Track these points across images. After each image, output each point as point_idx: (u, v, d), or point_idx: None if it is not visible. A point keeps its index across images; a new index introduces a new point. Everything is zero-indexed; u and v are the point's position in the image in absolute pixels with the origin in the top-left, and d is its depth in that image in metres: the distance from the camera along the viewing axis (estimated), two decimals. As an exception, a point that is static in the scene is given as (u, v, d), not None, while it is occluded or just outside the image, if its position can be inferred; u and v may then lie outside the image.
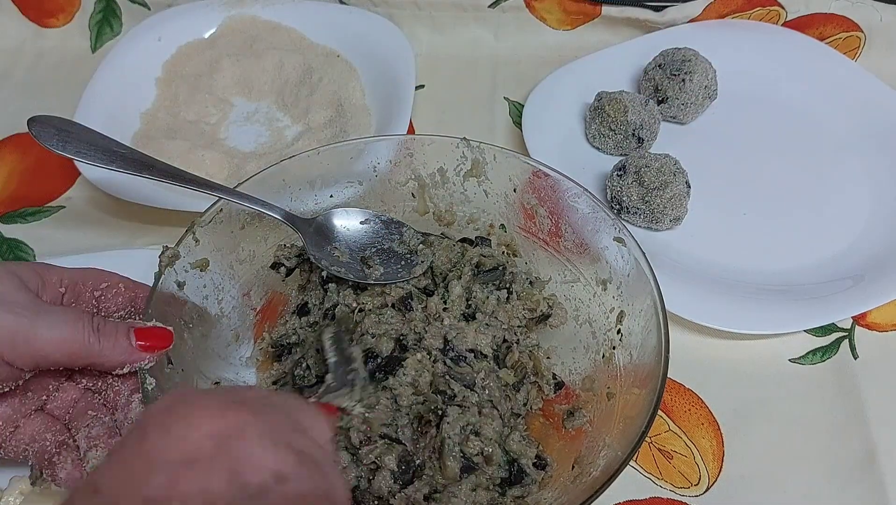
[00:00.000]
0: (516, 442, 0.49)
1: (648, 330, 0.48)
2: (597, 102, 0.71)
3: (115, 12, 0.84)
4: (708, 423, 0.58)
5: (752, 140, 0.74)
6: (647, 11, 0.80)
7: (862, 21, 0.80)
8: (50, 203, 0.71)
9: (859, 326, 0.63)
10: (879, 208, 0.69)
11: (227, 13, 0.81)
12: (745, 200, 0.70)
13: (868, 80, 0.76)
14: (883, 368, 0.61)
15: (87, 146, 0.52)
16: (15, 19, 0.84)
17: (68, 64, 0.83)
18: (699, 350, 0.61)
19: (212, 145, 0.73)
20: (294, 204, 0.56)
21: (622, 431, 0.46)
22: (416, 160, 0.56)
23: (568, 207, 0.53)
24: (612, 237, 0.51)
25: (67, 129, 0.53)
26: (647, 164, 0.64)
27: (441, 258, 0.56)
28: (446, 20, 0.84)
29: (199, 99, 0.76)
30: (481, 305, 0.54)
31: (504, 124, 0.78)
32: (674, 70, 0.72)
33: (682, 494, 0.55)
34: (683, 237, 0.67)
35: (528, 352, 0.55)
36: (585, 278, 0.54)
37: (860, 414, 0.58)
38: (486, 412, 0.50)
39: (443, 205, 0.58)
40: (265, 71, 0.78)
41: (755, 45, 0.79)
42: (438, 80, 0.81)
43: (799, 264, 0.65)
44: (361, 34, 0.79)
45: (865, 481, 0.55)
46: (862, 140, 0.74)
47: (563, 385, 0.54)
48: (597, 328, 0.53)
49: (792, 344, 0.62)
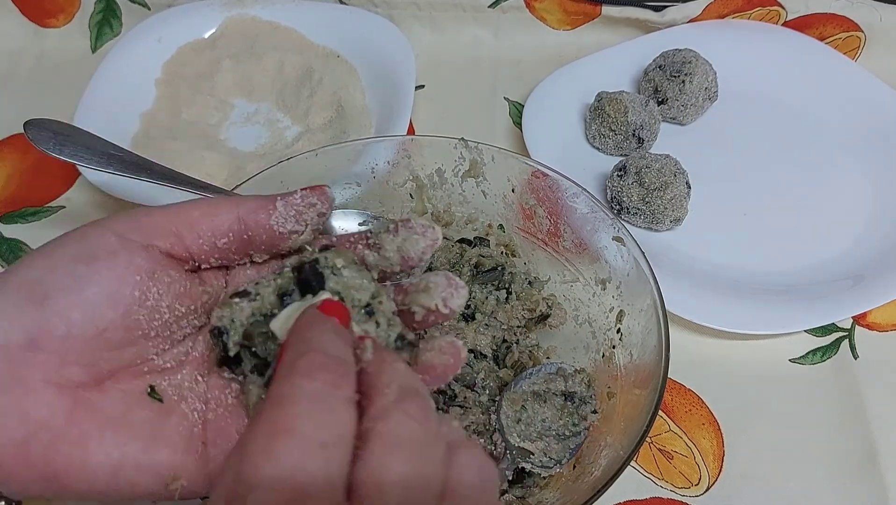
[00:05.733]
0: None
1: (648, 329, 0.48)
2: (597, 103, 0.71)
3: (115, 12, 0.84)
4: (708, 423, 0.58)
5: (752, 140, 0.74)
6: (647, 11, 0.80)
7: (862, 21, 0.80)
8: (50, 203, 0.71)
9: (859, 326, 0.63)
10: (879, 208, 0.69)
11: (227, 13, 0.81)
12: (745, 200, 0.70)
13: (868, 80, 0.76)
14: (883, 368, 0.61)
15: (83, 149, 0.52)
16: (15, 20, 0.84)
17: (68, 64, 0.83)
18: (699, 350, 0.61)
19: (212, 146, 0.73)
20: (293, 204, 0.55)
21: (623, 430, 0.46)
22: (413, 161, 0.56)
23: (567, 207, 0.53)
24: (611, 237, 0.51)
25: (64, 132, 0.53)
26: (647, 164, 0.64)
27: (440, 259, 0.56)
28: (446, 20, 0.84)
29: (199, 100, 0.76)
30: (480, 305, 0.54)
31: (504, 124, 0.78)
32: (674, 71, 0.72)
33: (682, 494, 0.55)
34: (683, 238, 0.67)
35: (528, 352, 0.55)
36: (585, 278, 0.54)
37: (860, 414, 0.58)
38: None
39: (441, 206, 0.58)
40: (265, 72, 0.78)
41: (755, 45, 0.79)
42: (438, 80, 0.81)
43: (799, 264, 0.65)
44: (361, 34, 0.79)
45: (865, 481, 0.55)
46: (862, 140, 0.74)
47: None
48: (596, 328, 0.53)
49: (792, 344, 0.62)
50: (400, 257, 0.37)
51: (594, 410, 0.49)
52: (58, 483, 0.32)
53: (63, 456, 0.32)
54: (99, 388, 0.33)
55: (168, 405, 0.35)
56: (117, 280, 0.33)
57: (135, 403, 0.34)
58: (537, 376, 0.51)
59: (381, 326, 0.35)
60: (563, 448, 0.49)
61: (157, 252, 0.34)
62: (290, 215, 0.36)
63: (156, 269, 0.34)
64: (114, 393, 0.34)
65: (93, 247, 0.33)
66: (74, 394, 0.32)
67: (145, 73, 0.77)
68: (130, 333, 0.33)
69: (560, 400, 0.50)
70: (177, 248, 0.35)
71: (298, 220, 0.36)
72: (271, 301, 0.35)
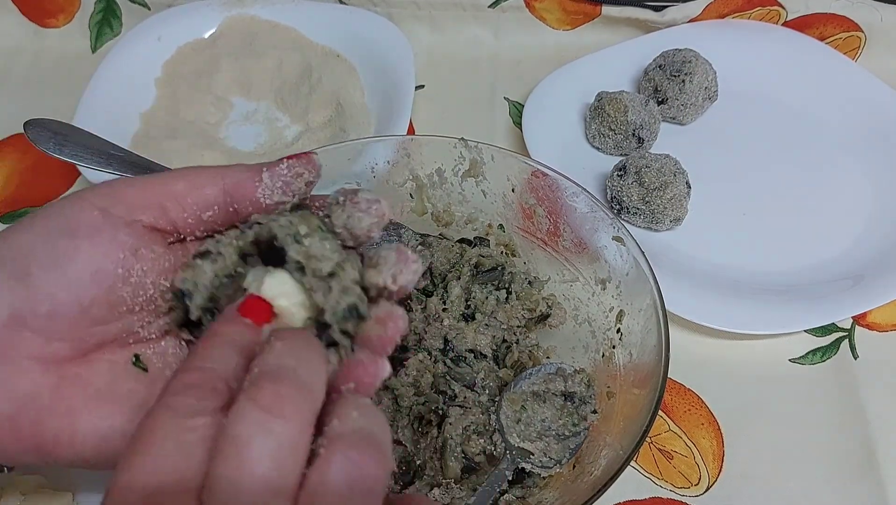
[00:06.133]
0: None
1: (648, 329, 0.48)
2: (597, 102, 0.71)
3: (115, 12, 0.84)
4: (708, 423, 0.58)
5: (752, 140, 0.74)
6: (647, 11, 0.80)
7: (862, 21, 0.79)
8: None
9: (859, 326, 0.63)
10: (879, 208, 0.69)
11: (226, 13, 0.81)
12: (745, 200, 0.70)
13: (868, 80, 0.76)
14: (883, 368, 0.61)
15: (83, 149, 0.53)
16: (15, 19, 0.84)
17: (68, 64, 0.83)
18: (699, 350, 0.61)
19: (211, 145, 0.73)
20: (293, 204, 0.55)
21: (623, 430, 0.46)
22: (413, 161, 0.56)
23: (566, 207, 0.53)
24: (610, 236, 0.51)
25: (64, 132, 0.53)
26: (647, 164, 0.64)
27: (440, 259, 0.56)
28: (446, 20, 0.83)
29: (198, 99, 0.76)
30: (480, 305, 0.54)
31: (504, 124, 0.78)
32: (674, 71, 0.72)
33: (682, 494, 0.55)
34: (683, 237, 0.67)
35: (528, 352, 0.55)
36: (584, 278, 0.54)
37: (860, 414, 0.58)
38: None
39: (441, 205, 0.58)
40: (265, 70, 0.78)
41: (755, 45, 0.79)
42: (438, 80, 0.81)
43: (799, 264, 0.65)
44: (361, 34, 0.79)
45: (865, 481, 0.55)
46: (862, 140, 0.73)
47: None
48: (596, 327, 0.53)
49: (792, 344, 0.62)
50: (348, 233, 0.35)
51: (594, 410, 0.49)
52: (47, 454, 0.33)
53: (51, 429, 0.32)
54: (85, 360, 0.33)
55: (153, 374, 0.35)
56: (101, 257, 0.33)
57: (121, 373, 0.34)
58: (537, 376, 0.51)
59: (332, 293, 0.33)
60: (563, 448, 0.49)
61: (141, 227, 0.34)
62: (277, 186, 0.35)
63: (139, 245, 0.34)
64: (99, 365, 0.34)
65: (75, 221, 0.33)
66: (60, 368, 0.32)
67: (145, 72, 0.77)
68: (115, 309, 0.33)
69: (560, 400, 0.50)
70: (161, 221, 0.35)
71: (286, 190, 0.35)
72: (233, 260, 0.34)
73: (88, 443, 0.33)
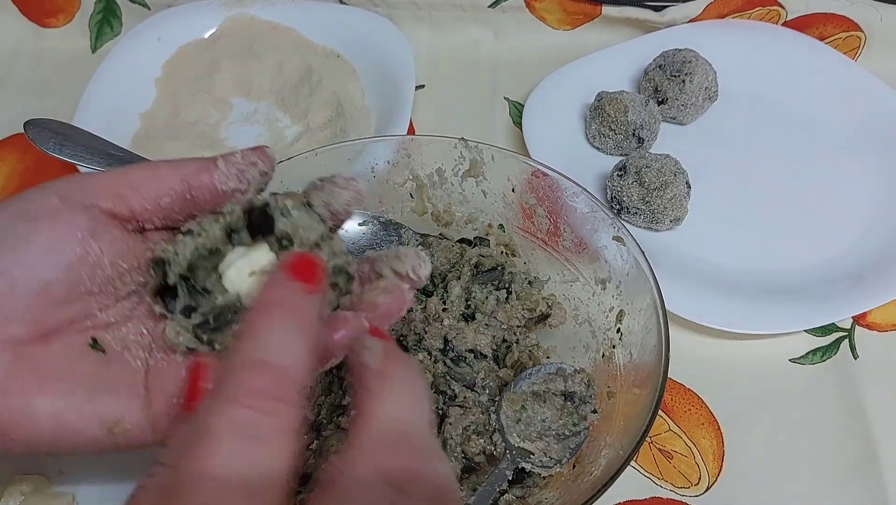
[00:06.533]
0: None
1: (648, 329, 0.48)
2: (597, 102, 0.71)
3: (115, 12, 0.84)
4: (708, 423, 0.58)
5: (752, 140, 0.74)
6: (647, 11, 0.80)
7: (862, 21, 0.79)
8: (50, 203, 0.71)
9: (859, 326, 0.63)
10: (880, 208, 0.68)
11: (226, 13, 0.81)
12: (745, 200, 0.70)
13: (868, 80, 0.76)
14: (883, 368, 0.61)
15: (83, 149, 0.53)
16: (15, 19, 0.84)
17: (68, 64, 0.83)
18: (699, 350, 0.61)
19: (211, 145, 0.73)
20: (293, 204, 0.55)
21: (623, 430, 0.46)
22: (413, 161, 0.56)
23: (566, 207, 0.53)
24: (610, 236, 0.51)
25: (64, 132, 0.53)
26: (647, 164, 0.64)
27: (440, 259, 0.56)
28: (446, 20, 0.83)
29: (198, 99, 0.76)
30: (480, 305, 0.54)
31: (504, 124, 0.78)
32: (674, 71, 0.72)
33: (682, 494, 0.55)
34: (683, 237, 0.67)
35: (528, 352, 0.55)
36: (584, 278, 0.54)
37: (860, 414, 0.58)
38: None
39: (441, 205, 0.58)
40: (265, 71, 0.78)
41: (755, 45, 0.79)
42: (438, 80, 0.81)
43: (799, 264, 0.65)
44: (361, 34, 0.79)
45: (865, 481, 0.55)
46: (862, 140, 0.73)
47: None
48: (596, 327, 0.53)
49: (792, 344, 0.62)
50: (328, 212, 0.37)
51: (594, 410, 0.49)
52: (3, 434, 0.33)
53: (6, 409, 0.32)
54: (42, 341, 0.34)
55: (111, 356, 0.36)
56: (59, 238, 0.34)
57: (78, 355, 0.35)
58: (537, 376, 0.51)
59: (322, 252, 0.35)
60: (563, 448, 0.49)
61: (99, 211, 0.35)
62: (232, 174, 0.37)
63: (97, 227, 0.35)
64: (56, 347, 0.34)
65: (35, 207, 0.34)
66: (16, 349, 0.33)
67: (145, 72, 0.77)
68: (73, 289, 0.34)
69: (560, 400, 0.50)
70: (119, 207, 0.36)
71: (241, 178, 0.37)
72: (217, 236, 0.35)
73: (45, 422, 0.33)
